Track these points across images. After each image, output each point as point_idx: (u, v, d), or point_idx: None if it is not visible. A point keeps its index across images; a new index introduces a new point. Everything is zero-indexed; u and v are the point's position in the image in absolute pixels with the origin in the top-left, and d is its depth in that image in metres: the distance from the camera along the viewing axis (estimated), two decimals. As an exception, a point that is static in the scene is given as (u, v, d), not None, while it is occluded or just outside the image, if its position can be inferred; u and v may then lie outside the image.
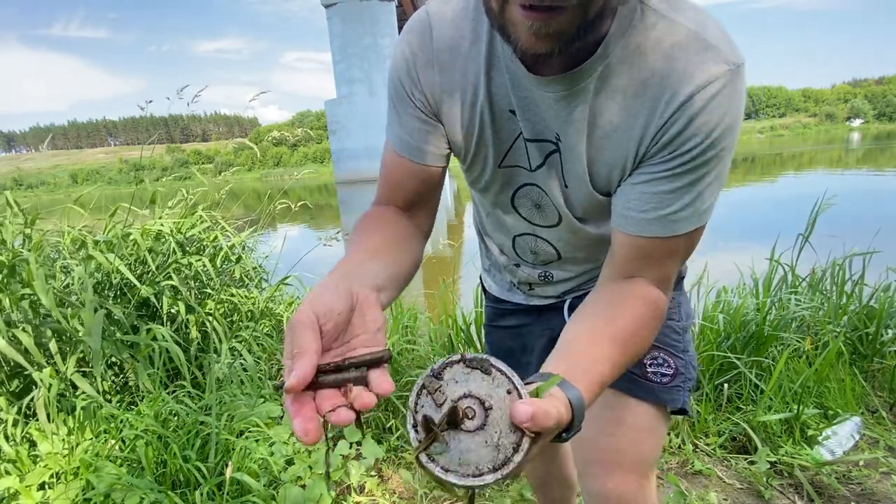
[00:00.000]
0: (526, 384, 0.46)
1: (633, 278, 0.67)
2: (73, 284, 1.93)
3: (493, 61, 0.66)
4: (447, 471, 0.41)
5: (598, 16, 0.52)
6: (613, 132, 0.63)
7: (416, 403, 0.44)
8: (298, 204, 3.00)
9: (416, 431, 0.43)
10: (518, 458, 0.41)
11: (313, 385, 0.44)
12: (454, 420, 0.42)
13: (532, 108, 0.66)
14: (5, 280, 1.69)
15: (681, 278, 0.91)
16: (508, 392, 0.43)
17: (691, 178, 0.61)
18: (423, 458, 0.42)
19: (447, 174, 0.80)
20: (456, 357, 0.45)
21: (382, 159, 0.78)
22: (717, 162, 0.60)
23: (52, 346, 1.71)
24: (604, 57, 0.59)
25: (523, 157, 0.72)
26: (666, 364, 0.83)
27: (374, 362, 0.46)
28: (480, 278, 1.12)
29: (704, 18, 0.59)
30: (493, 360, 0.45)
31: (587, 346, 0.57)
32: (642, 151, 0.62)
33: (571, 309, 0.93)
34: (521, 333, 1.03)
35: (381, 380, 0.46)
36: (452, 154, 0.77)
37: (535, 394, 0.45)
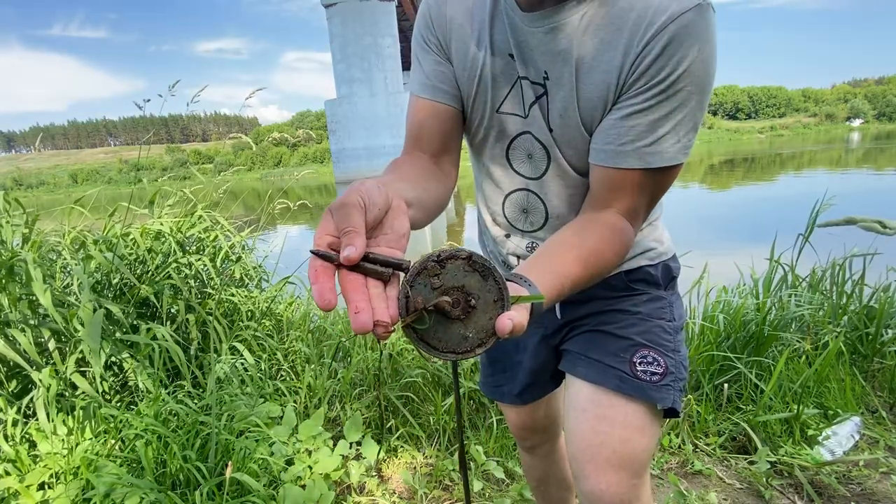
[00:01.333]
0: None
1: (604, 209, 0.73)
2: (72, 284, 1.93)
3: (497, 10, 0.75)
4: (421, 339, 0.49)
5: None
6: (597, 66, 0.69)
7: (415, 279, 0.48)
8: (297, 204, 2.99)
9: (406, 301, 0.48)
10: (480, 350, 0.49)
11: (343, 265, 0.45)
12: (440, 308, 0.48)
13: (525, 50, 0.74)
14: (3, 280, 1.69)
15: (673, 278, 0.93)
16: (495, 301, 0.49)
17: (665, 109, 0.66)
18: (409, 329, 0.49)
19: None
20: (465, 253, 0.49)
21: (407, 113, 0.85)
22: (690, 97, 0.66)
23: (51, 345, 1.70)
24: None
25: (519, 105, 0.79)
26: (656, 363, 0.84)
27: (396, 265, 0.48)
28: None
29: None
30: (496, 270, 0.49)
31: (555, 260, 0.64)
32: (622, 82, 0.68)
33: (563, 306, 0.94)
34: None
35: (384, 314, 0.46)
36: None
37: (514, 301, 0.50)
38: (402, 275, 0.48)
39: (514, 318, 0.47)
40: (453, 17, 0.79)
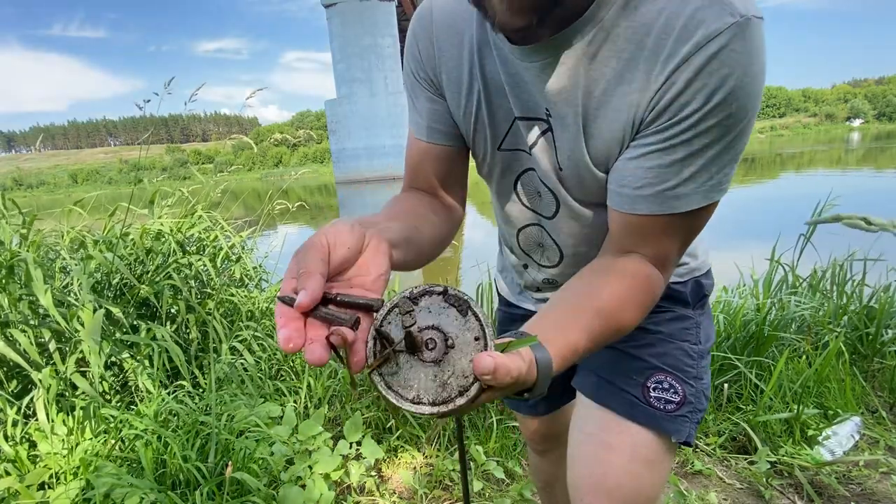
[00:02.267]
0: (502, 338, 0.46)
1: (628, 254, 0.62)
2: (71, 284, 1.93)
3: (486, 39, 0.64)
4: (389, 388, 0.42)
5: None
6: (608, 101, 0.58)
7: (384, 318, 0.44)
8: (296, 204, 2.99)
9: (374, 342, 0.43)
10: (461, 401, 0.41)
11: (309, 311, 0.43)
12: (412, 345, 0.42)
13: (520, 84, 0.63)
14: (3, 280, 1.69)
15: (704, 296, 0.83)
16: (476, 339, 0.43)
17: (691, 149, 0.54)
18: (375, 375, 0.43)
19: None
20: (439, 288, 0.44)
21: (406, 146, 0.79)
22: (723, 132, 0.53)
23: (53, 345, 1.70)
24: (594, 20, 0.54)
25: (522, 140, 0.69)
26: (672, 390, 0.75)
27: (366, 307, 0.45)
28: (494, 281, 1.08)
29: None
30: (473, 302, 0.44)
31: (567, 313, 0.55)
32: (639, 120, 0.57)
33: None
34: None
35: (351, 359, 0.43)
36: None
37: (503, 349, 0.44)
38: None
39: (497, 358, 0.40)
40: (442, 49, 0.69)
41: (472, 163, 0.82)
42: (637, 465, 0.73)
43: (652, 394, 0.75)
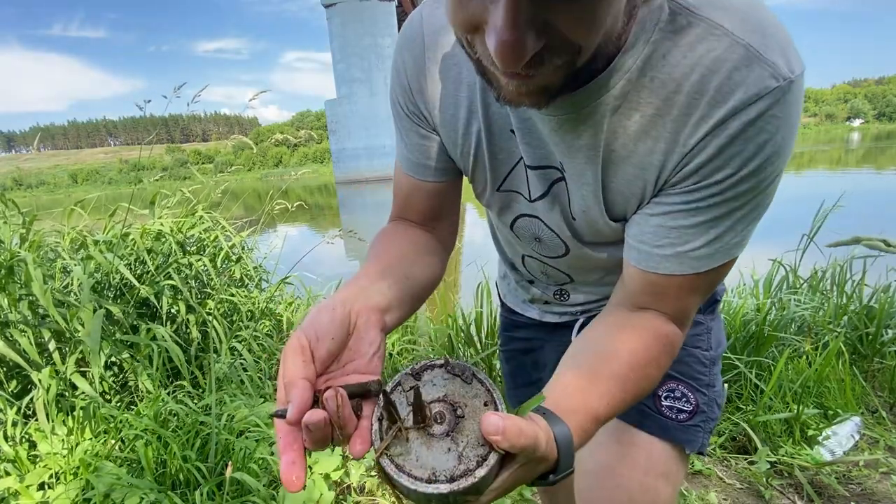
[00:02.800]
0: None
1: (645, 310, 0.58)
2: (71, 285, 1.93)
3: None
4: (401, 470, 0.39)
5: (593, 60, 0.44)
6: (629, 157, 0.53)
7: (388, 398, 0.41)
8: (295, 204, 3.00)
9: (380, 424, 0.41)
10: (481, 472, 0.37)
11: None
12: (421, 420, 0.40)
13: (533, 133, 0.58)
14: (3, 280, 1.69)
15: (715, 301, 0.80)
16: (485, 404, 0.41)
17: (718, 212, 0.51)
18: (384, 459, 0.39)
19: None
20: (439, 361, 0.43)
21: (394, 175, 0.74)
22: (755, 194, 0.50)
23: (52, 345, 1.70)
24: (620, 70, 0.49)
25: (523, 185, 0.65)
26: (685, 399, 0.72)
27: (363, 393, 0.44)
28: (496, 284, 1.06)
29: (756, 16, 0.47)
30: (476, 370, 0.43)
31: (583, 381, 0.51)
32: (663, 180, 0.53)
33: (583, 325, 0.85)
34: (532, 348, 0.96)
35: (354, 443, 0.42)
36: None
37: (515, 412, 0.42)
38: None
39: (505, 417, 0.38)
40: (436, 82, 0.62)
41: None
42: (652, 478, 0.70)
43: (664, 402, 0.72)
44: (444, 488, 0.37)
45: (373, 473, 1.76)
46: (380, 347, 0.48)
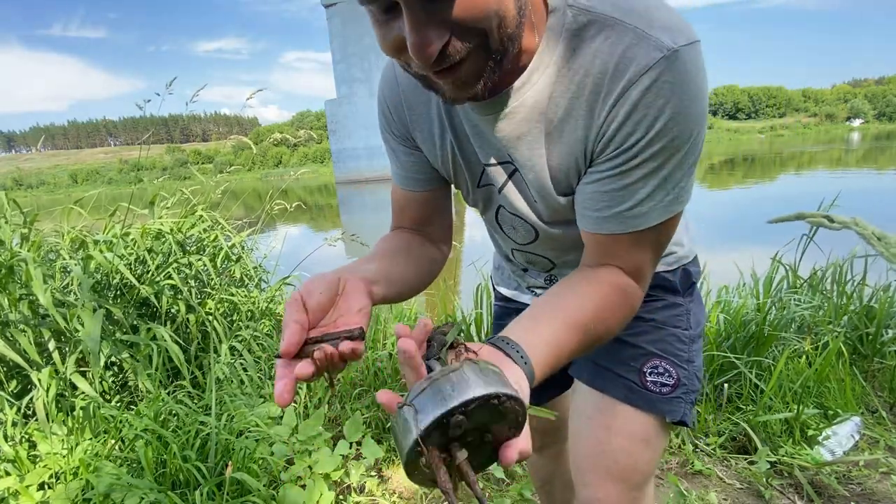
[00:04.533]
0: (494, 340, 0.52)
1: (605, 265, 0.66)
2: (71, 284, 1.93)
3: None
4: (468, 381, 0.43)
5: (506, 42, 0.53)
6: (561, 136, 0.63)
7: (430, 434, 0.40)
8: (294, 205, 2.99)
9: (419, 456, 0.41)
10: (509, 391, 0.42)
11: (300, 354, 0.50)
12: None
13: (482, 135, 0.68)
14: (3, 280, 1.69)
15: (692, 283, 0.88)
16: (510, 429, 0.44)
17: (642, 172, 0.58)
18: (469, 363, 0.43)
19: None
20: (501, 397, 0.42)
21: (391, 193, 0.85)
22: (671, 153, 0.57)
23: (52, 345, 1.70)
24: (538, 69, 0.60)
25: (494, 180, 0.75)
26: (667, 374, 0.81)
27: (348, 336, 0.51)
28: (491, 276, 1.12)
29: (641, 4, 0.56)
30: (522, 406, 0.43)
31: (551, 327, 0.57)
32: (589, 151, 0.62)
33: None
34: None
35: (345, 345, 0.50)
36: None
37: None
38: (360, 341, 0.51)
39: (522, 454, 0.45)
40: (412, 110, 0.74)
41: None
42: (633, 443, 0.80)
43: (648, 378, 0.81)
44: (503, 390, 0.41)
45: (372, 473, 1.76)
46: (364, 308, 0.56)
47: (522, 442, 0.45)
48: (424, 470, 0.42)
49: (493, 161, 0.71)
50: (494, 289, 1.11)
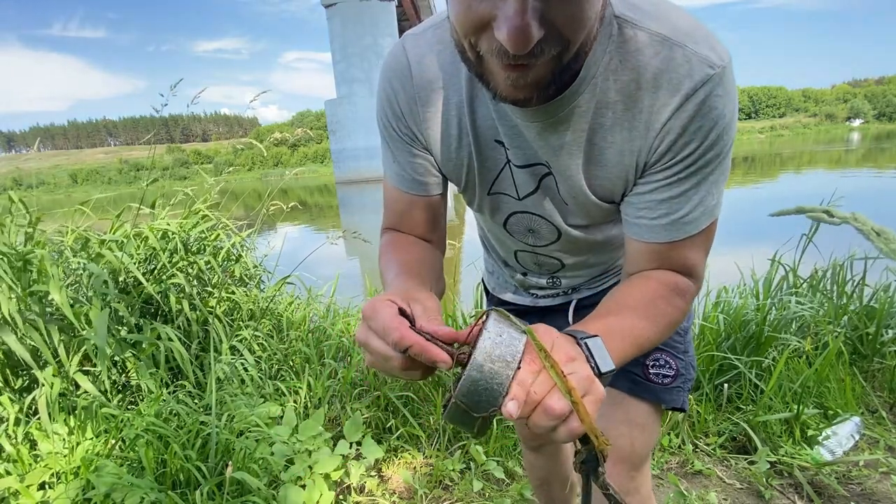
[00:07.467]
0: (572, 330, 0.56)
1: (656, 270, 0.68)
2: (85, 283, 1.93)
3: (476, 93, 0.68)
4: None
5: (581, 57, 0.54)
6: (609, 148, 0.64)
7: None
8: (290, 206, 2.99)
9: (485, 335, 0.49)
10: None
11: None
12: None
13: (520, 137, 0.68)
14: (16, 278, 1.69)
15: None
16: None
17: (696, 179, 0.62)
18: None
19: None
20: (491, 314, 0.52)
21: (384, 190, 0.82)
22: (720, 160, 0.62)
23: (57, 342, 1.70)
24: (585, 79, 0.60)
25: (510, 186, 0.74)
26: (668, 365, 0.85)
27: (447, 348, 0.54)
28: (483, 279, 1.13)
29: (683, 23, 0.59)
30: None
31: (622, 320, 0.61)
32: (642, 162, 0.64)
33: (577, 311, 0.96)
34: None
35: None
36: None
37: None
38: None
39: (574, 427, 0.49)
40: (426, 107, 0.70)
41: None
42: (630, 428, 0.85)
43: (651, 371, 0.85)
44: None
45: (373, 473, 1.76)
46: (439, 306, 0.59)
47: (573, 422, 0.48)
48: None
49: (526, 163, 0.70)
50: (487, 292, 1.12)
